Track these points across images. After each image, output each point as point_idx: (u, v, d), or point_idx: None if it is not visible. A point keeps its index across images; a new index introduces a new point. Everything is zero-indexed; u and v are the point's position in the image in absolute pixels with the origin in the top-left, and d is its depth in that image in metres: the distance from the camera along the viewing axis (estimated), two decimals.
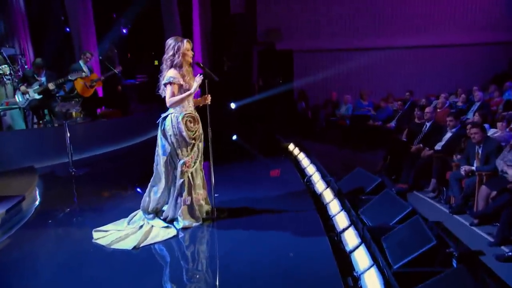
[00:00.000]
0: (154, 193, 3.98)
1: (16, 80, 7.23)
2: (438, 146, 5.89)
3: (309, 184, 5.13)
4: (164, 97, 3.75)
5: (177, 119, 3.69)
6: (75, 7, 9.46)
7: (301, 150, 6.74)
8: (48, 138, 6.31)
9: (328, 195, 4.54)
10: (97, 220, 4.03)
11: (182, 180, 3.82)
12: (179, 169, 3.75)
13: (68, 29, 9.90)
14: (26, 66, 8.54)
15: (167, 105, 3.63)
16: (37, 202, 4.78)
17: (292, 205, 4.28)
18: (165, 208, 4.01)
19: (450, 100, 8.72)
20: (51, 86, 6.91)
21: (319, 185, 4.96)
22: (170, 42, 3.69)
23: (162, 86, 3.79)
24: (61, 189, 5.37)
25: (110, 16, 11.01)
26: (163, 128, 3.72)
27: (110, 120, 8.12)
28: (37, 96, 6.95)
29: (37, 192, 5.09)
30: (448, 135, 5.88)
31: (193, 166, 3.84)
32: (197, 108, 4.03)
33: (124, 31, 11.48)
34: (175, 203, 3.90)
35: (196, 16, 10.98)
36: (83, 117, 7.79)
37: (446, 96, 8.62)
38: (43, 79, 7.01)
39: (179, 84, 3.63)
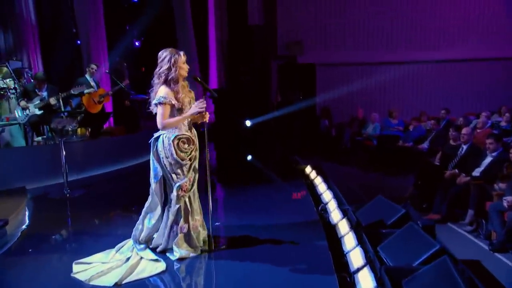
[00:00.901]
0: (148, 221, 3.82)
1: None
2: (476, 172, 5.56)
3: (324, 212, 4.85)
4: (156, 114, 3.61)
5: (169, 140, 3.57)
6: (86, 18, 9.64)
7: (318, 173, 6.49)
8: (43, 157, 6.29)
9: (343, 227, 4.23)
10: (85, 248, 3.92)
11: (178, 206, 3.66)
12: (174, 193, 3.60)
13: (79, 42, 10.07)
14: (30, 78, 8.65)
15: (158, 127, 3.53)
16: (24, 226, 4.70)
17: (302, 237, 4.07)
18: (156, 235, 3.83)
19: (492, 120, 8.32)
20: (52, 101, 6.93)
21: (335, 214, 4.67)
22: (165, 54, 3.59)
23: (153, 104, 3.65)
24: (52, 212, 5.28)
25: (123, 28, 11.13)
26: (155, 150, 3.59)
27: (115, 137, 8.09)
28: (37, 112, 6.98)
29: (26, 215, 5.02)
30: (488, 159, 5.54)
31: (190, 189, 3.66)
32: (195, 125, 3.87)
33: (137, 43, 11.60)
34: (169, 232, 3.73)
35: (212, 27, 11.07)
36: (88, 134, 7.78)
37: (487, 115, 8.21)
38: (45, 93, 7.04)
39: (170, 104, 3.52)
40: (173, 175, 3.57)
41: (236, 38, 10.97)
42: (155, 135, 3.63)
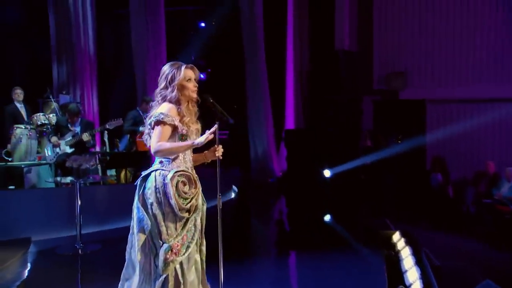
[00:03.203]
0: None
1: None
2: None
3: None
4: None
5: (164, 179, 3.13)
6: (144, 49, 9.94)
7: (408, 243, 5.69)
8: (56, 202, 6.21)
9: None
10: None
11: (164, 276, 3.12)
12: (161, 257, 3.11)
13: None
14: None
15: (152, 151, 3.14)
16: (18, 283, 4.61)
17: None
18: None
19: None
20: (85, 137, 6.92)
21: None
22: (164, 69, 3.29)
23: (148, 129, 3.26)
24: (58, 269, 5.23)
25: (187, 58, 11.37)
26: (143, 192, 3.17)
27: None
28: (68, 150, 7.00)
29: (21, 271, 4.96)
30: None
31: (183, 253, 3.15)
32: (203, 165, 3.42)
33: (202, 75, 11.73)
34: None
35: (290, 55, 10.82)
36: (130, 176, 7.66)
37: None
38: (78, 128, 7.07)
39: (172, 125, 3.14)
40: (163, 229, 3.11)
41: (319, 67, 10.67)
42: (144, 173, 3.23)
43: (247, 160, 10.43)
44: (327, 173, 9.55)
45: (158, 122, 3.11)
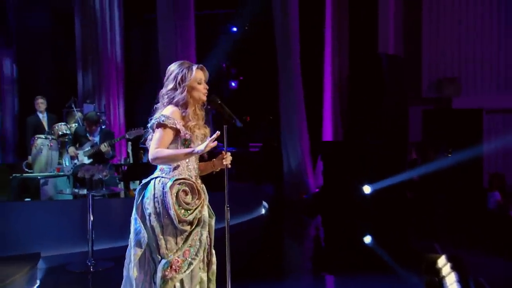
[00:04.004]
0: None
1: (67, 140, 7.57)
2: None
3: None
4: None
5: (163, 187, 3.08)
6: (172, 56, 9.98)
7: (455, 269, 5.33)
8: (68, 216, 6.16)
9: None
10: None
11: None
12: (159, 273, 3.07)
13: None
14: (103, 126, 9.04)
15: (149, 158, 3.10)
16: None
17: None
18: None
19: None
20: (103, 147, 6.93)
21: None
22: (172, 69, 3.25)
23: (150, 134, 3.23)
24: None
25: (219, 66, 11.40)
26: (141, 202, 3.14)
27: None
28: (86, 161, 7.04)
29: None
30: None
31: (185, 271, 3.08)
32: (211, 174, 3.36)
33: (233, 84, 11.72)
34: None
35: (328, 61, 10.60)
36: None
37: None
38: (97, 138, 7.10)
39: (174, 128, 3.10)
40: (161, 242, 3.05)
41: (360, 73, 10.36)
42: (144, 181, 3.19)
43: (280, 174, 10.25)
44: (367, 189, 9.27)
45: (159, 125, 3.08)
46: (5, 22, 10.35)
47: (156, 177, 3.11)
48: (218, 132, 3.05)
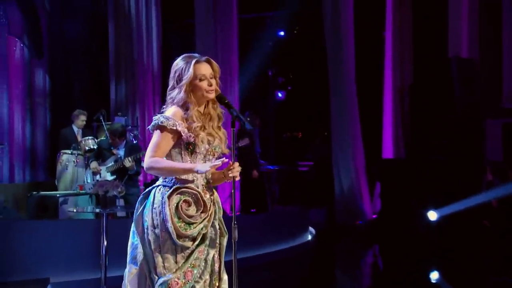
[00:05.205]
0: None
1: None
2: None
3: None
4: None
5: (163, 197, 3.08)
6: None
7: None
8: (86, 236, 6.10)
9: None
10: None
11: None
12: None
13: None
14: (135, 140, 9.11)
15: (144, 165, 3.16)
16: None
17: None
18: None
19: None
20: (127, 162, 6.99)
21: None
22: (174, 65, 3.24)
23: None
24: None
25: (264, 75, 11.36)
26: (141, 213, 3.14)
27: None
28: (109, 177, 7.08)
29: None
30: None
31: None
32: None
33: (280, 94, 11.65)
34: None
35: (388, 62, 10.29)
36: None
37: None
38: (121, 152, 7.15)
39: (175, 130, 3.06)
40: (158, 260, 3.01)
41: (426, 81, 10.03)
42: (149, 189, 3.22)
43: (331, 197, 10.04)
44: (432, 215, 8.96)
45: (157, 127, 3.06)
46: (37, 30, 10.69)
47: (157, 186, 3.10)
48: (224, 159, 3.04)
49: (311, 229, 9.01)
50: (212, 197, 3.15)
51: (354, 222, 9.80)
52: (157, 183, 3.14)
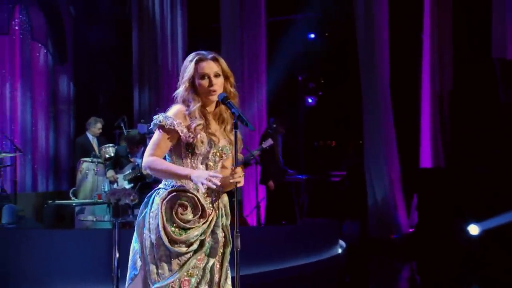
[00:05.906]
0: None
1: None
2: None
3: None
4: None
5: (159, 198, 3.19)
6: (237, 68, 10.03)
7: None
8: (98, 247, 6.06)
9: None
10: None
11: None
12: None
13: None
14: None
15: (142, 165, 3.26)
16: None
17: None
18: None
19: None
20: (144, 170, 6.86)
21: None
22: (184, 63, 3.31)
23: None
24: None
25: (294, 80, 11.34)
26: (143, 217, 3.16)
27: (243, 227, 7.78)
28: (127, 185, 7.03)
29: None
30: None
31: None
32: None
33: (310, 100, 11.50)
34: None
35: (426, 66, 10.01)
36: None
37: None
38: (139, 160, 7.07)
39: (173, 130, 3.08)
40: (152, 267, 3.03)
41: (467, 86, 9.84)
42: (151, 192, 3.27)
43: (364, 209, 9.81)
44: (474, 229, 8.72)
45: (156, 127, 3.11)
46: (61, 36, 10.77)
47: (158, 188, 3.14)
48: (220, 176, 2.98)
49: (341, 242, 8.86)
50: (216, 202, 3.11)
51: (388, 235, 9.56)
52: (159, 185, 3.17)
